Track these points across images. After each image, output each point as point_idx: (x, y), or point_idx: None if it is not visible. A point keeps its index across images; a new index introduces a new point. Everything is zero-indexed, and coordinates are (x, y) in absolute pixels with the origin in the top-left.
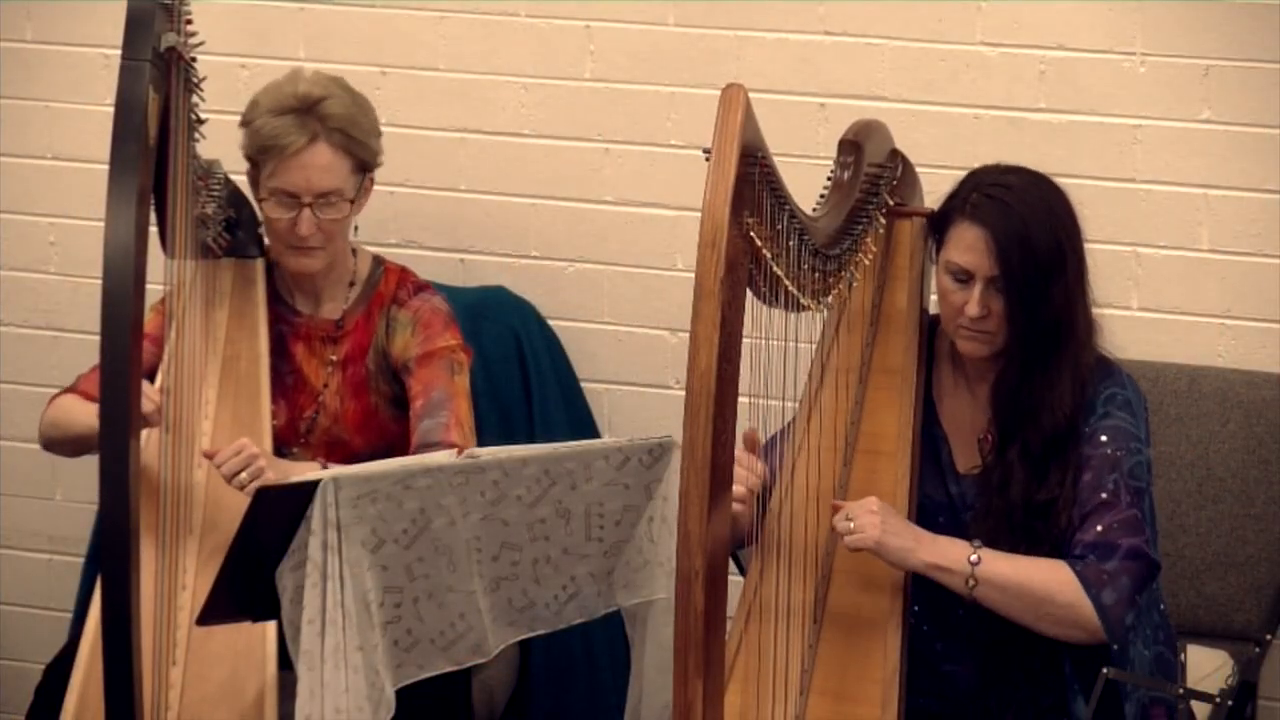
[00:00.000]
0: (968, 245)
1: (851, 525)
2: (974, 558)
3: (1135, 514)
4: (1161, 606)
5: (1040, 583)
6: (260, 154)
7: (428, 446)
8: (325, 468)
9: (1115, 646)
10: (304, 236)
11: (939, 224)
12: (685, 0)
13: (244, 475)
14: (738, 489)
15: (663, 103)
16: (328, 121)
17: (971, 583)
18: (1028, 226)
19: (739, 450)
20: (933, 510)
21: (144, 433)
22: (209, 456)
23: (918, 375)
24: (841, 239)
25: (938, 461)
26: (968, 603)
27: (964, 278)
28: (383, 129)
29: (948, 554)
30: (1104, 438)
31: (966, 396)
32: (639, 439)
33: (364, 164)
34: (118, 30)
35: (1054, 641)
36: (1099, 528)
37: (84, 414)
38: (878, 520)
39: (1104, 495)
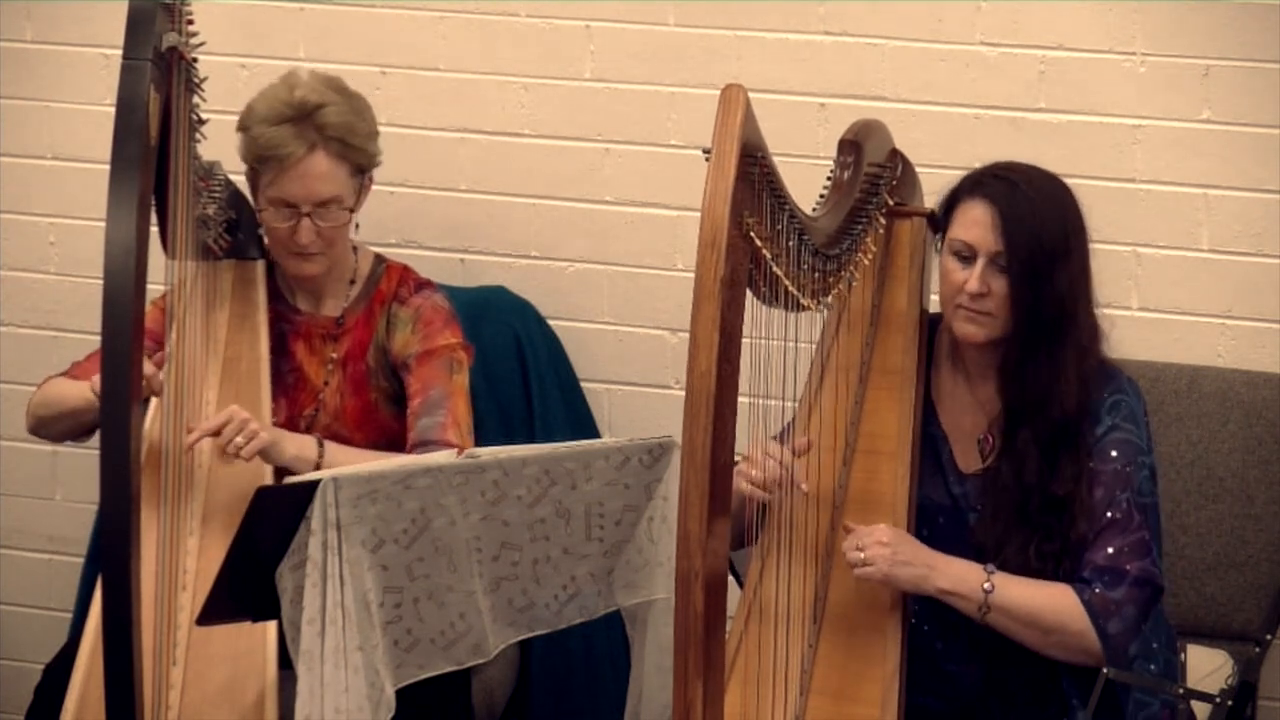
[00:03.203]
0: (973, 220)
1: (861, 556)
2: (988, 585)
3: (1143, 536)
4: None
5: (1051, 612)
6: (258, 163)
7: (424, 444)
8: (321, 444)
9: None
10: (304, 245)
11: (946, 210)
12: (685, 0)
13: (239, 439)
14: (760, 476)
15: (663, 103)
16: (325, 130)
17: (984, 610)
18: (1035, 208)
19: (773, 446)
20: (933, 511)
21: (144, 432)
22: (190, 431)
23: (918, 375)
24: (841, 239)
25: (938, 461)
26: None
27: (968, 255)
28: (382, 129)
29: (962, 581)
30: (1114, 452)
31: (967, 397)
32: (639, 439)
33: (361, 168)
34: (118, 30)
35: None
36: (1109, 550)
37: (75, 390)
38: (888, 553)
39: (1116, 515)
